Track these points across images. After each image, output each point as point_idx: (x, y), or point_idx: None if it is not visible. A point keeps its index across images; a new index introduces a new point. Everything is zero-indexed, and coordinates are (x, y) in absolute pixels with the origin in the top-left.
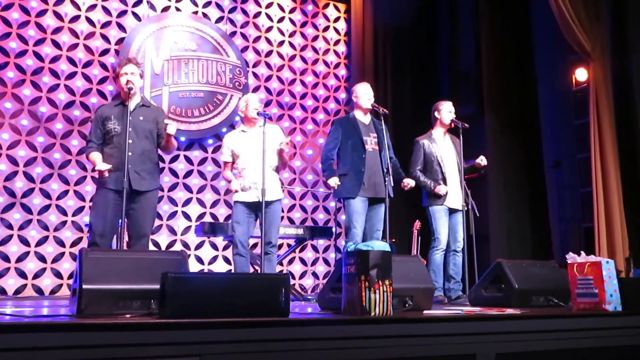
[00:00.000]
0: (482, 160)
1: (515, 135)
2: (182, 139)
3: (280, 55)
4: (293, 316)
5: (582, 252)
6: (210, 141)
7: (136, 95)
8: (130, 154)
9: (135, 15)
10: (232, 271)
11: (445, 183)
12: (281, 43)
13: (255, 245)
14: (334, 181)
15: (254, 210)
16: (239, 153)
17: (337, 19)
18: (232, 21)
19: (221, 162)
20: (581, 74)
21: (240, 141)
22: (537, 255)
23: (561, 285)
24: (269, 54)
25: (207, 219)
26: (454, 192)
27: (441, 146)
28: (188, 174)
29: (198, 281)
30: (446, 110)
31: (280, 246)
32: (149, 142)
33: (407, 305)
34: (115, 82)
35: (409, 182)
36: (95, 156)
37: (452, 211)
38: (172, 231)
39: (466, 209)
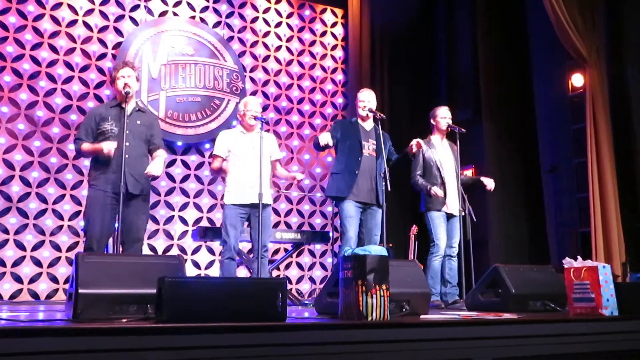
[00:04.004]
0: (489, 184)
1: (513, 140)
2: (179, 143)
3: (278, 60)
4: (290, 321)
5: (578, 256)
6: (207, 145)
7: (132, 99)
8: (127, 156)
9: (132, 19)
10: (221, 275)
11: (444, 187)
12: (278, 48)
13: (249, 250)
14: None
15: (246, 213)
16: (237, 153)
17: (334, 24)
18: (229, 26)
19: (211, 155)
20: (577, 79)
21: (239, 142)
22: (534, 260)
23: (558, 290)
24: (266, 58)
25: (204, 223)
26: (452, 198)
27: (440, 151)
28: (185, 178)
29: (195, 286)
30: (441, 116)
31: (277, 251)
32: (145, 146)
33: (404, 309)
34: (112, 86)
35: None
36: (92, 144)
37: (449, 216)
38: (169, 236)
39: (463, 214)
